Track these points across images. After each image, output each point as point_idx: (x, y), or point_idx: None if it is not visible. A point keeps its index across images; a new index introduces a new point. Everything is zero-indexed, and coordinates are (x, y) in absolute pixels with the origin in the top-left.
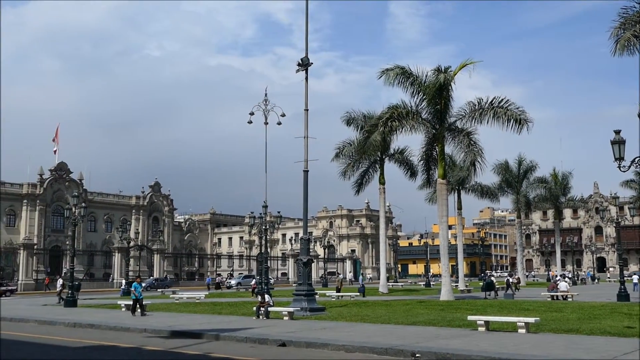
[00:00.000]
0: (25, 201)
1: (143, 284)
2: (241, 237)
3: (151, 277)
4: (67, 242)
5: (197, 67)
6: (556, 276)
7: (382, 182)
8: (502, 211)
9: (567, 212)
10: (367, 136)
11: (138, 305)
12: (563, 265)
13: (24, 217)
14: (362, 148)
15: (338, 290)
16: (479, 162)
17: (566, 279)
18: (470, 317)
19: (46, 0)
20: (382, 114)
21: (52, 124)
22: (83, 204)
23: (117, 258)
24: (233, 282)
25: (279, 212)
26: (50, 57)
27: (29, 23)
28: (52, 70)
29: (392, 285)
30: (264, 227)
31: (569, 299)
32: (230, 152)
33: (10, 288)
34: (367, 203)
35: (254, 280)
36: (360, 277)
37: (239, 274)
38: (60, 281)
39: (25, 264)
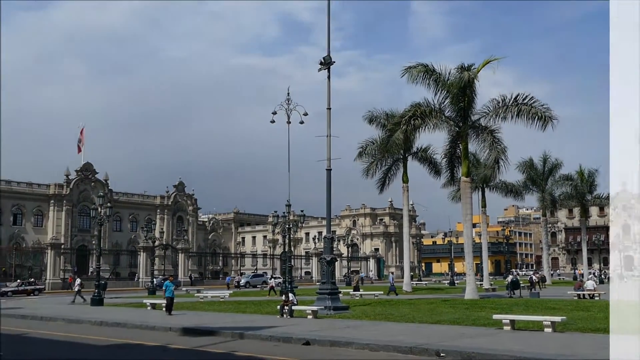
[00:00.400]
0: (52, 201)
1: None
2: (265, 236)
3: (160, 277)
4: (94, 242)
5: (220, 67)
6: (582, 274)
7: (405, 180)
8: (527, 209)
9: (594, 210)
10: (390, 134)
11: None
12: (590, 263)
13: (51, 217)
14: (385, 146)
15: (356, 290)
16: (502, 159)
17: (593, 276)
18: (495, 316)
19: (71, 0)
20: (405, 112)
21: (77, 125)
22: (108, 204)
23: (142, 257)
24: (242, 280)
25: (302, 211)
26: (75, 59)
27: (55, 25)
28: (77, 72)
29: (416, 283)
30: (287, 226)
31: (596, 298)
32: (254, 151)
33: (38, 287)
34: (391, 201)
35: (273, 279)
36: (391, 275)
37: (264, 272)
38: (78, 280)
39: (52, 264)
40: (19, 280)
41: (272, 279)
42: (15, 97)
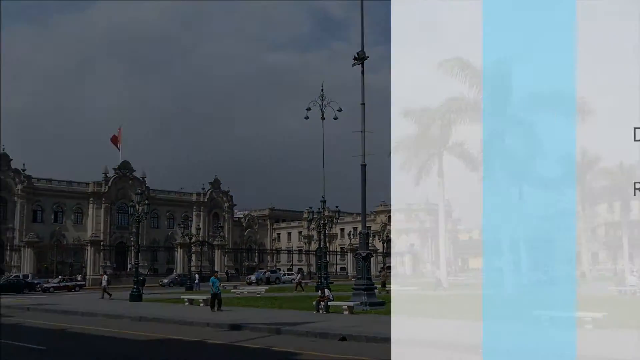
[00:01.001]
0: (91, 199)
1: (165, 280)
2: (300, 232)
3: (175, 273)
4: (132, 239)
5: (254, 65)
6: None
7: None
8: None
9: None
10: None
11: (217, 301)
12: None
13: (90, 214)
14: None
15: (383, 286)
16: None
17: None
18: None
19: (108, 0)
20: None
21: (115, 123)
22: (146, 201)
23: (179, 254)
24: (254, 277)
25: (337, 207)
26: (111, 58)
27: (91, 26)
28: (114, 71)
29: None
30: (322, 222)
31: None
32: (288, 147)
33: (79, 283)
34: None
35: (299, 275)
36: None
37: (299, 268)
38: (105, 277)
39: (92, 260)
40: (60, 277)
41: (298, 275)
42: (54, 97)
